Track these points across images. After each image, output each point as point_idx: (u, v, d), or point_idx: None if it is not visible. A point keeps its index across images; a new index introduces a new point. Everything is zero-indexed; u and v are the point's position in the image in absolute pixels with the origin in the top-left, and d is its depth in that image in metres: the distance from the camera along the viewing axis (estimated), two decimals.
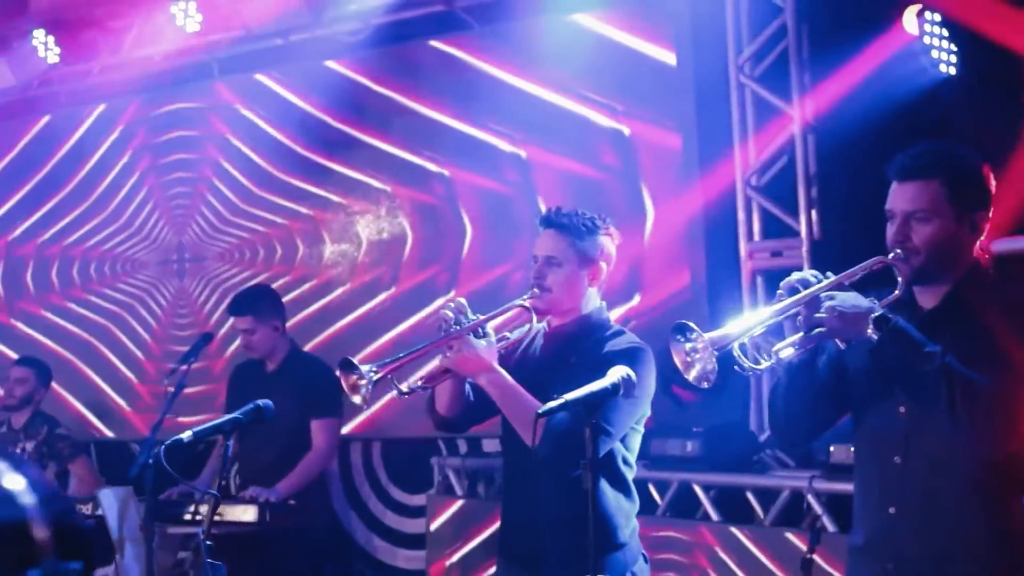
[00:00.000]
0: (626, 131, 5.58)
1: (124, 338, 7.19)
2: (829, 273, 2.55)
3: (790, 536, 4.12)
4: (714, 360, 2.36)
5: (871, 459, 2.62)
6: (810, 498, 4.23)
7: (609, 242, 3.21)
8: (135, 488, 4.34)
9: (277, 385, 4.82)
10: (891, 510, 2.52)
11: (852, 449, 2.84)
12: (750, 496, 4.68)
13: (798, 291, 2.48)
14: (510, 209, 5.88)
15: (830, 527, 4.08)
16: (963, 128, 3.89)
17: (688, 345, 2.39)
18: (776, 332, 2.48)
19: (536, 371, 3.11)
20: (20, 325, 7.60)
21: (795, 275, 2.53)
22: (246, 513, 4.39)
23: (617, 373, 2.26)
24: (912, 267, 2.51)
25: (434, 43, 6.13)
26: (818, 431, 2.74)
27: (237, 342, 5.40)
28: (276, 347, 4.93)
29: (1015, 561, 2.46)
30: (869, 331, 2.40)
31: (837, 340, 2.50)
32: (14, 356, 7.45)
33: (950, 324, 2.48)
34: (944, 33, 4.12)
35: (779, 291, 2.51)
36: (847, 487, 3.33)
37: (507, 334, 3.28)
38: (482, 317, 3.03)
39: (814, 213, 5.04)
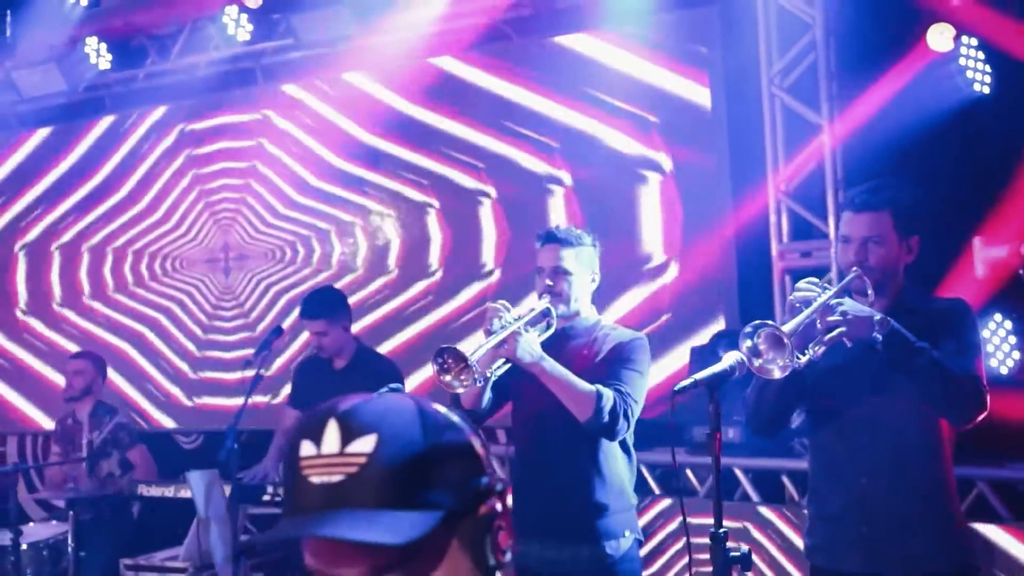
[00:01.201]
0: (658, 138, 5.92)
1: (169, 333, 7.48)
2: (826, 284, 3.07)
3: None
4: (790, 354, 2.75)
5: (838, 439, 3.16)
6: None
7: (597, 253, 3.74)
8: (221, 471, 4.67)
9: (347, 381, 5.11)
10: (863, 480, 3.08)
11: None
12: (785, 479, 5.06)
13: (809, 303, 2.94)
14: (543, 214, 6.15)
15: None
16: (995, 144, 4.23)
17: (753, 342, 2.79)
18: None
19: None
20: (73, 317, 7.87)
21: (800, 292, 3.02)
22: None
23: (733, 357, 2.61)
24: (869, 280, 3.07)
25: (477, 55, 6.44)
26: (788, 421, 3.36)
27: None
28: (345, 346, 5.18)
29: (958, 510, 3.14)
30: (875, 332, 2.90)
31: (846, 339, 2.94)
32: (71, 347, 7.79)
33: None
34: (980, 56, 4.47)
35: (796, 304, 2.98)
36: None
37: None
38: (522, 313, 3.45)
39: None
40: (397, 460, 1.20)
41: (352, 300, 6.39)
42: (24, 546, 5.52)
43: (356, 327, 5.93)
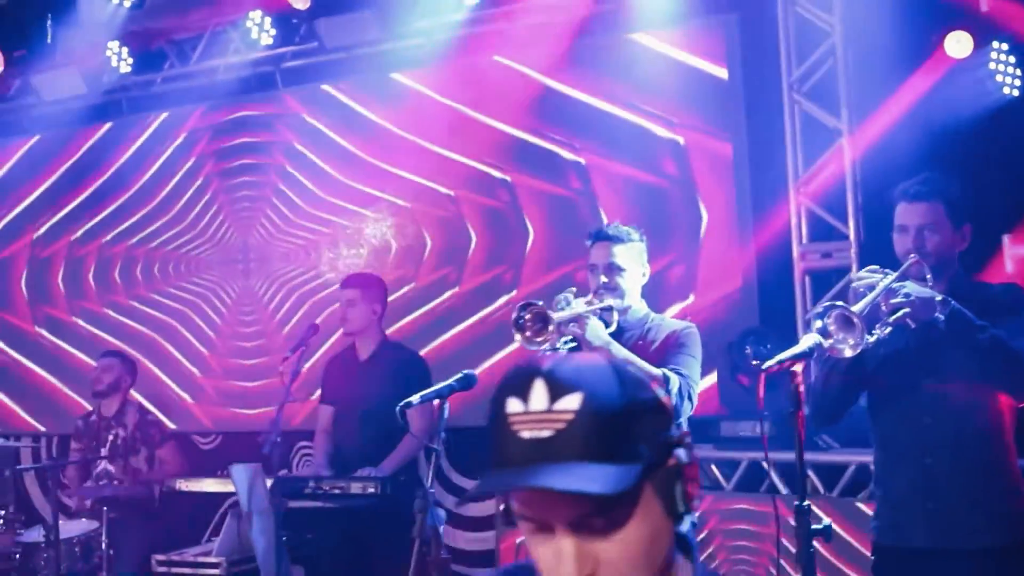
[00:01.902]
0: (681, 141, 6.06)
1: (188, 335, 7.52)
2: (887, 270, 3.20)
3: (861, 505, 4.61)
4: (861, 332, 2.89)
5: (901, 422, 3.31)
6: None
7: (646, 248, 3.95)
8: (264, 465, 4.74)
9: (372, 373, 5.23)
10: (927, 460, 3.23)
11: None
12: (810, 472, 5.19)
13: (872, 287, 3.09)
14: (572, 213, 6.31)
15: None
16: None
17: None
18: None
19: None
20: (81, 323, 7.91)
21: (862, 280, 3.17)
22: (369, 487, 4.76)
23: (812, 339, 2.74)
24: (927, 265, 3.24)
25: (498, 59, 6.56)
26: (849, 409, 3.46)
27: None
28: (369, 330, 5.26)
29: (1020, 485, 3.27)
30: (937, 312, 3.05)
31: (909, 320, 3.10)
32: (76, 353, 7.83)
33: None
34: (1011, 59, 4.63)
35: (860, 289, 3.13)
36: None
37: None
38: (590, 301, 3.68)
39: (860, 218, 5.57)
40: (600, 416, 1.29)
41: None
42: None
43: (390, 330, 6.04)
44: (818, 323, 2.89)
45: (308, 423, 6.11)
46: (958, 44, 5.25)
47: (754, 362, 5.16)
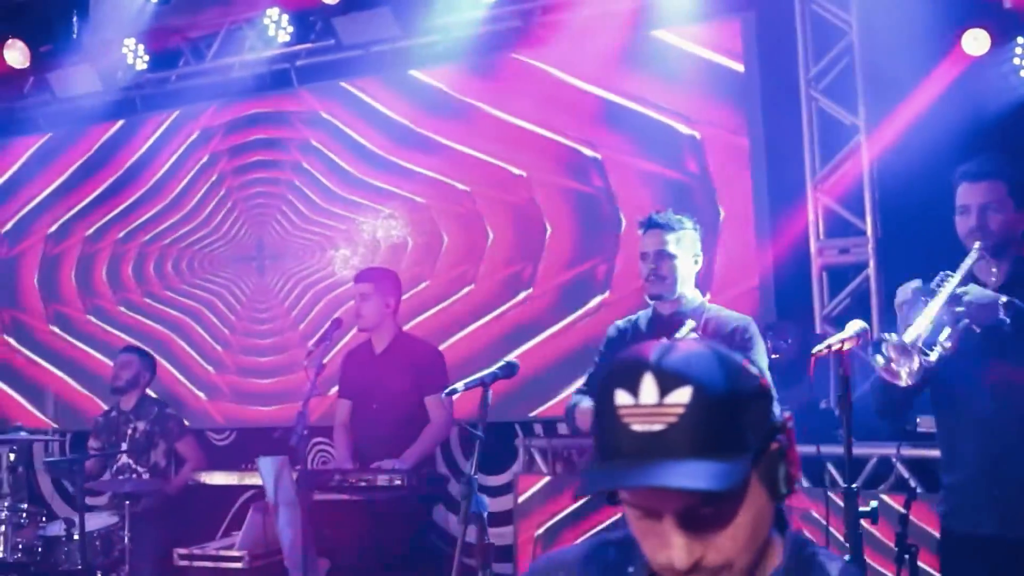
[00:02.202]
0: (699, 136, 6.10)
1: (202, 332, 7.55)
2: (949, 273, 3.19)
3: (885, 497, 4.64)
4: (917, 360, 2.90)
5: (965, 411, 3.28)
6: (898, 463, 4.77)
7: (699, 236, 3.93)
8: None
9: (388, 365, 5.25)
10: (992, 448, 3.21)
11: (933, 416, 3.52)
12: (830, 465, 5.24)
13: (932, 295, 3.10)
14: (590, 210, 6.35)
15: (918, 487, 4.61)
16: None
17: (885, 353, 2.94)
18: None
19: None
20: (94, 320, 7.93)
21: (907, 298, 3.17)
22: (395, 479, 4.78)
23: (858, 324, 2.78)
24: (989, 246, 3.23)
25: (516, 56, 6.60)
26: (914, 403, 3.42)
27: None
28: (383, 324, 5.27)
29: None
30: (1001, 314, 3.03)
31: (974, 326, 3.09)
32: (89, 351, 7.84)
33: (1018, 294, 3.15)
34: None
35: (922, 297, 3.13)
36: (931, 452, 4.23)
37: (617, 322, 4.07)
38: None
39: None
40: (710, 409, 1.31)
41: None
42: (76, 536, 5.60)
43: (407, 327, 6.06)
44: (879, 358, 2.87)
45: (323, 419, 6.13)
46: (975, 42, 5.31)
47: (774, 356, 5.19)
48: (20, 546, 5.48)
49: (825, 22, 5.78)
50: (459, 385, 3.27)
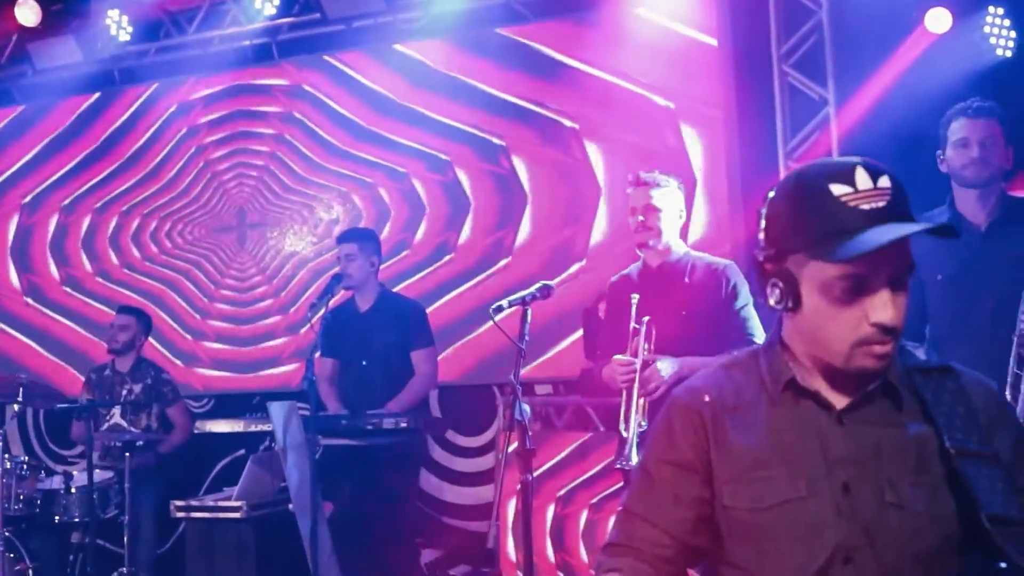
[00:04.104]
0: (673, 107, 6.37)
1: (180, 300, 7.65)
2: None
3: None
4: None
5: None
6: None
7: (683, 193, 4.27)
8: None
9: (374, 322, 5.44)
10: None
11: None
12: None
13: None
14: (569, 180, 6.59)
15: None
16: (1018, 104, 4.76)
17: None
18: None
19: (659, 296, 4.02)
20: (70, 291, 7.98)
21: None
22: (401, 421, 4.97)
23: None
24: (985, 176, 3.66)
25: (500, 31, 6.82)
26: None
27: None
28: (368, 282, 5.45)
29: None
30: None
31: None
32: (66, 322, 7.89)
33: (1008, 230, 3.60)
34: (1006, 23, 5.03)
35: None
36: None
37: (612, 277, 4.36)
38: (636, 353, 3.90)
39: None
40: (901, 188, 1.71)
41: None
42: (73, 490, 5.71)
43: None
44: None
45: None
46: (938, 20, 5.65)
47: None
48: (21, 497, 5.56)
49: (796, 0, 6.11)
50: (504, 303, 3.53)
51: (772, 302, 1.79)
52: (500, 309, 3.50)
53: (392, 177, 7.07)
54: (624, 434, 3.75)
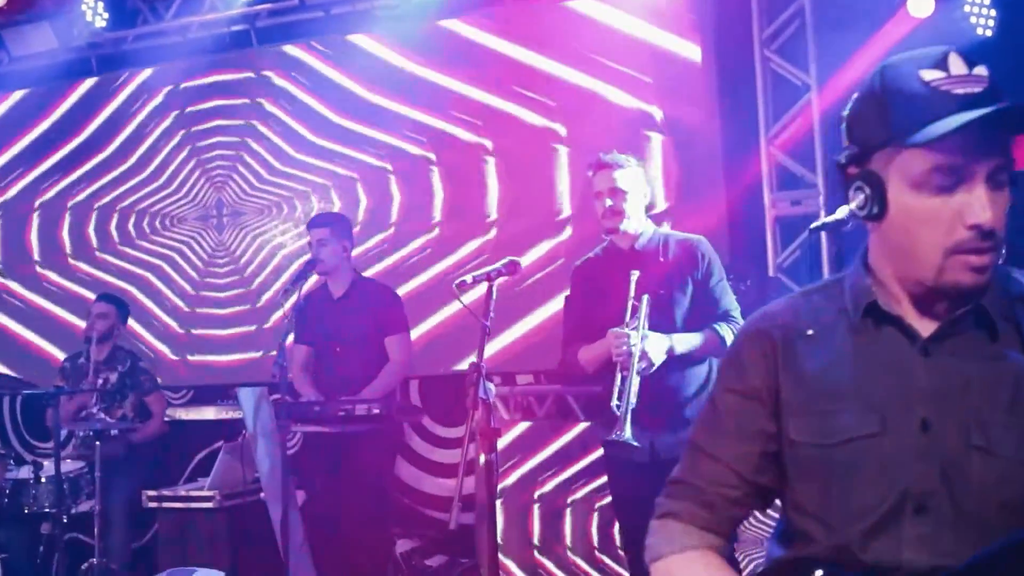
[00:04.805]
0: (652, 106, 6.30)
1: (164, 288, 7.56)
2: None
3: None
4: None
5: None
6: None
7: (644, 171, 4.19)
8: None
9: (348, 308, 5.35)
10: None
11: None
12: None
13: None
14: (542, 174, 6.49)
15: None
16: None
17: None
18: None
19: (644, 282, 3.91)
20: (53, 277, 7.90)
21: None
22: (373, 408, 4.89)
23: (846, 209, 3.00)
24: None
25: (462, 23, 6.72)
26: None
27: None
28: (341, 267, 5.34)
29: None
30: None
31: None
32: (49, 307, 7.81)
33: None
34: (986, 2, 4.97)
35: None
36: None
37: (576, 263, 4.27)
38: (638, 324, 3.80)
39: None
40: (999, 82, 1.58)
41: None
42: (43, 480, 5.62)
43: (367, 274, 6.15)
44: None
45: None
46: (919, 4, 5.59)
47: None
48: None
49: None
50: (467, 277, 3.44)
51: (855, 207, 1.65)
52: (464, 284, 3.41)
53: (365, 169, 6.98)
54: (617, 411, 3.66)
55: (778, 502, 1.81)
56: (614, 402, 3.70)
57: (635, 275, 3.86)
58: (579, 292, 4.24)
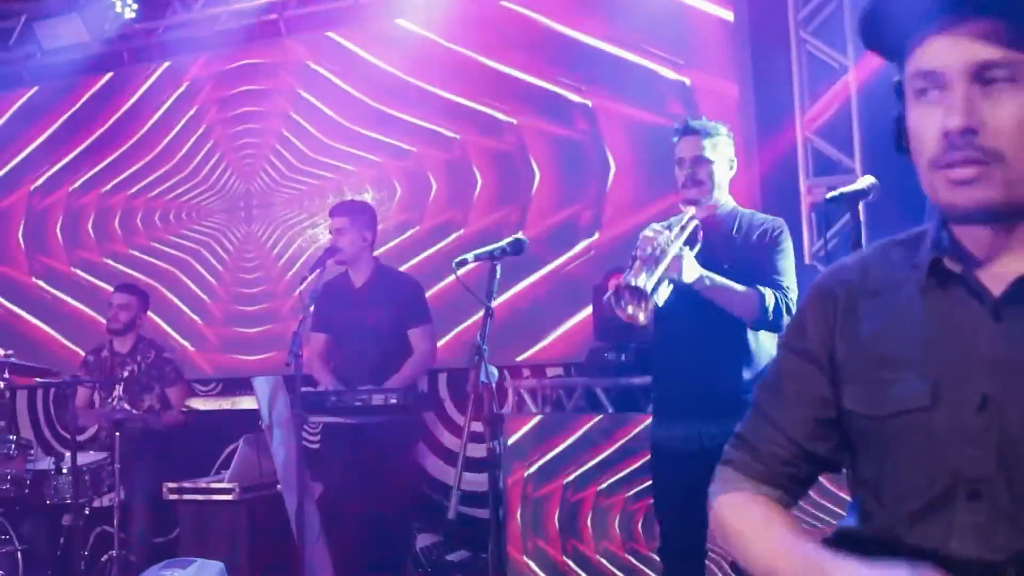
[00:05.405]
0: (688, 82, 6.13)
1: (190, 282, 7.51)
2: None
3: None
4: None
5: None
6: None
7: (732, 142, 3.87)
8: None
9: (369, 298, 5.23)
10: None
11: None
12: None
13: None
14: (578, 155, 6.37)
15: None
16: None
17: None
18: None
19: (710, 253, 3.63)
20: (80, 273, 7.90)
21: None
22: (391, 398, 4.77)
23: (868, 179, 2.83)
24: None
25: (504, 3, 6.61)
26: None
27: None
28: (361, 257, 5.22)
29: None
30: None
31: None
32: (74, 304, 7.80)
33: None
34: None
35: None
36: None
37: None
38: (676, 234, 3.47)
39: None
40: None
41: (387, 247, 6.52)
42: (64, 470, 5.57)
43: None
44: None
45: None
46: None
47: None
48: (9, 477, 5.43)
49: None
50: (469, 256, 3.30)
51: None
52: (464, 263, 3.25)
53: (398, 156, 6.88)
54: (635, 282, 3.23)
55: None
56: (630, 276, 3.24)
57: (691, 210, 3.61)
58: None
